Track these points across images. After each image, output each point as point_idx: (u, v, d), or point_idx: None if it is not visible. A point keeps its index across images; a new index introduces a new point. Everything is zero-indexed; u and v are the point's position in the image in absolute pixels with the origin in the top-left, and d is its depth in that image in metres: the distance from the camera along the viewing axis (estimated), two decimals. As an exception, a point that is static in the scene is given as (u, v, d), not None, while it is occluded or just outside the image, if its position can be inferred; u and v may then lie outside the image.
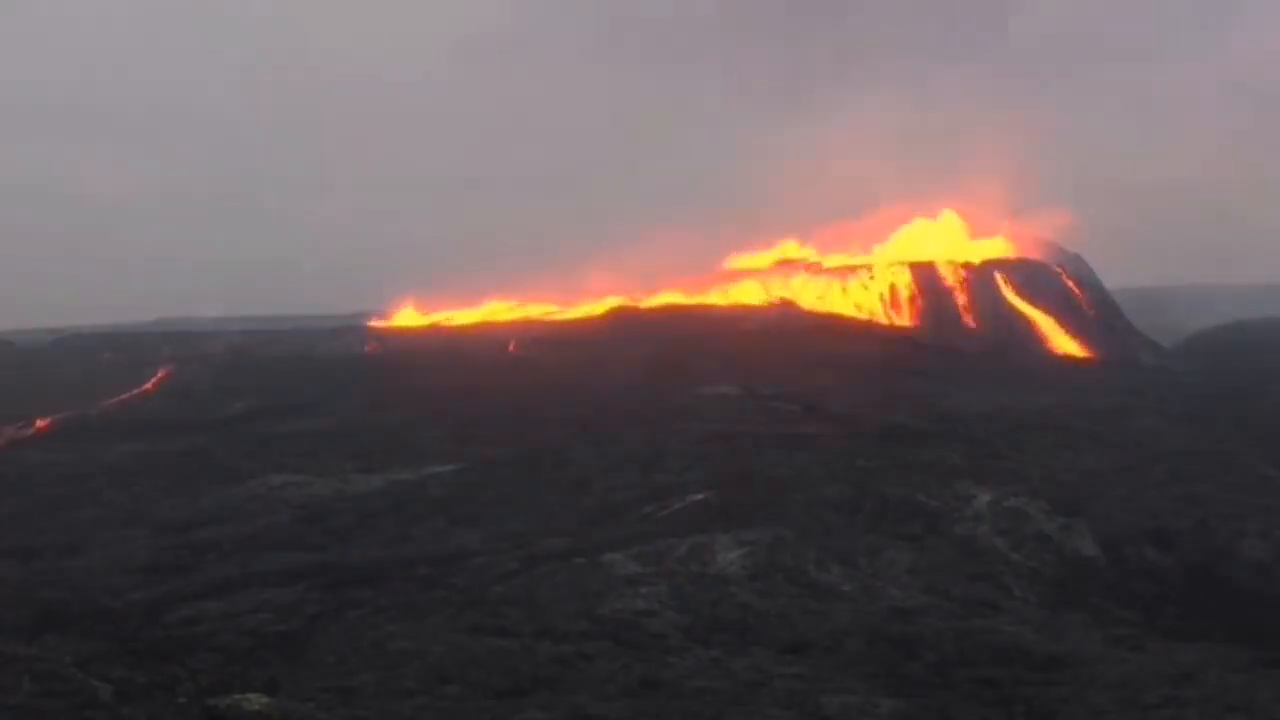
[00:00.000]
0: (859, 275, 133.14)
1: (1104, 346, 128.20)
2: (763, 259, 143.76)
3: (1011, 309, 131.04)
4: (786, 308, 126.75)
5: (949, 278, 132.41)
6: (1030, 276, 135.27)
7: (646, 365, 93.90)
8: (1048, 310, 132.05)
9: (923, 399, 78.89)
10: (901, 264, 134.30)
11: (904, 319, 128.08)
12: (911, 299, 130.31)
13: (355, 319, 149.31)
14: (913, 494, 53.52)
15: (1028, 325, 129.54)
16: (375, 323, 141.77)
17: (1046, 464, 59.39)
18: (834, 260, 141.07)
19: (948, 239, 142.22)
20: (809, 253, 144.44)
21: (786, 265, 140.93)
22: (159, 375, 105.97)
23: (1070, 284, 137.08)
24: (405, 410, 79.61)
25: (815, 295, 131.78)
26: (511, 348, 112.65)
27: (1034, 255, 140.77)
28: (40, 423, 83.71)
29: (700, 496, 53.18)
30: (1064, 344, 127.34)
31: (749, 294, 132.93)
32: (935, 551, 47.58)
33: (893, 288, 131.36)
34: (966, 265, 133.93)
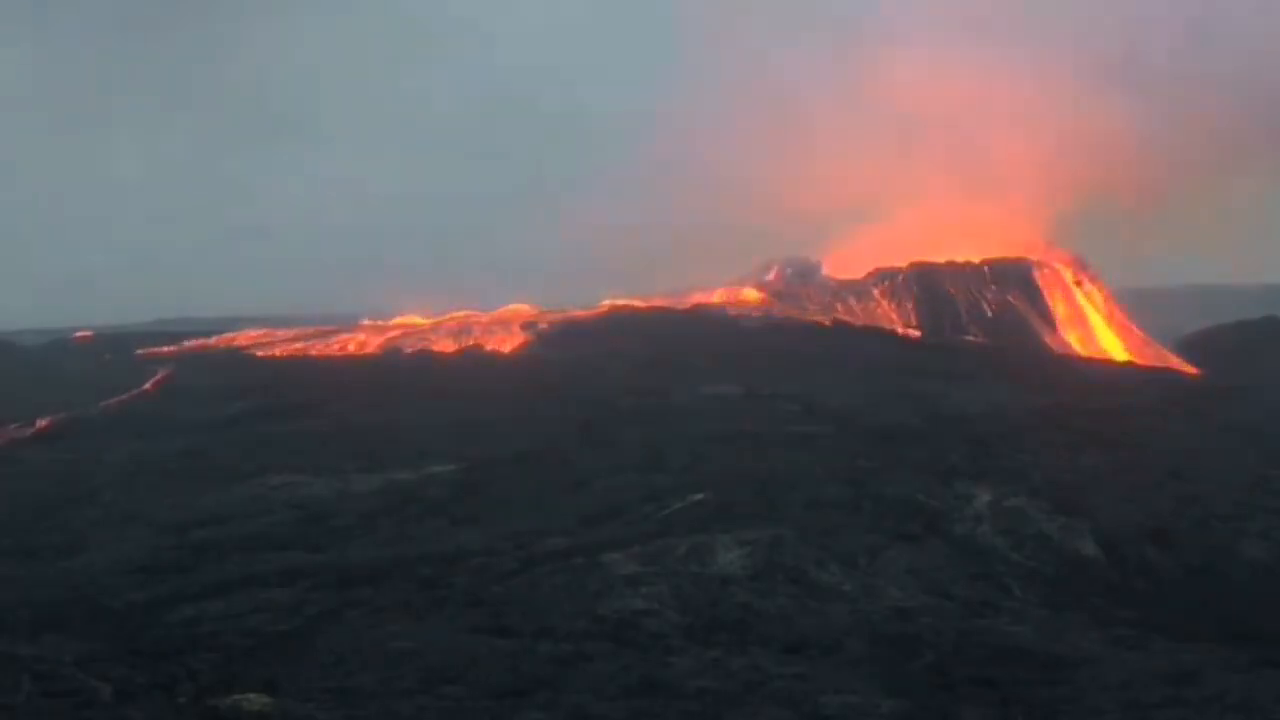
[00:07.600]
0: (862, 281, 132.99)
1: (1104, 346, 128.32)
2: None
3: (1012, 309, 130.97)
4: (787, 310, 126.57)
5: (949, 278, 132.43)
6: (1030, 276, 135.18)
7: (646, 365, 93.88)
8: (1048, 310, 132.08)
9: (923, 399, 78.78)
10: (902, 264, 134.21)
11: (905, 319, 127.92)
12: (912, 299, 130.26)
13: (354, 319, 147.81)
14: (913, 494, 53.59)
15: (1028, 325, 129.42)
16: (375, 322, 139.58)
17: (1046, 464, 59.42)
18: (835, 261, 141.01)
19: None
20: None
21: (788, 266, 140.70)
22: (159, 375, 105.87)
23: (1071, 284, 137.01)
24: (405, 410, 79.59)
25: (815, 296, 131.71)
26: (508, 349, 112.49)
27: (1034, 254, 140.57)
28: (40, 423, 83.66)
29: (700, 496, 53.21)
30: (1064, 344, 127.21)
31: (749, 295, 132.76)
32: (935, 551, 47.62)
33: (893, 287, 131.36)
34: (967, 265, 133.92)
